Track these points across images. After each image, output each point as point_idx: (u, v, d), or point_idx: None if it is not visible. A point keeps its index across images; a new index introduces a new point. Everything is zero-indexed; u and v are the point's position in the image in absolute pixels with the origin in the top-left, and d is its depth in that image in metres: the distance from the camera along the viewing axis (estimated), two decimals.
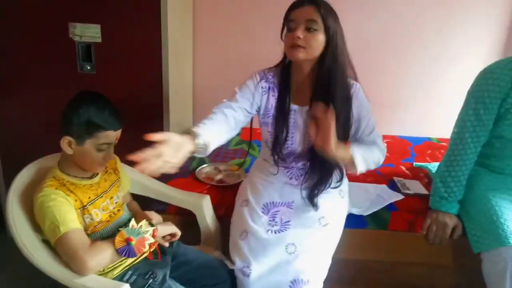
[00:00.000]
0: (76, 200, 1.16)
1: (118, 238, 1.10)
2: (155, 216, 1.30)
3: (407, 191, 1.70)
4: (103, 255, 1.09)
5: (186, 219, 1.55)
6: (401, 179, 1.80)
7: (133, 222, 1.14)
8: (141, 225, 1.14)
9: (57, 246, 1.10)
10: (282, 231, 1.35)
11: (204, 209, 1.49)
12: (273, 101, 1.39)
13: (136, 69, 1.86)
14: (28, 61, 1.88)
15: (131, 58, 1.85)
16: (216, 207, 1.56)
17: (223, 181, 1.75)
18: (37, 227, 1.18)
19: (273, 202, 1.43)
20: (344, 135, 1.33)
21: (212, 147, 1.18)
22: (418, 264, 1.58)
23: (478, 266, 1.39)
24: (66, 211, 1.11)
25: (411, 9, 2.22)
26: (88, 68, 1.87)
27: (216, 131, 1.22)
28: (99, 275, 1.16)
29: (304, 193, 1.42)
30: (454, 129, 1.50)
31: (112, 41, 1.82)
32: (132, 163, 0.92)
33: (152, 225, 1.17)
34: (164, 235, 1.25)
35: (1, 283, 1.86)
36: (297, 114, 1.38)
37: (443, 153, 1.70)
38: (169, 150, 0.98)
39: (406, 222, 1.57)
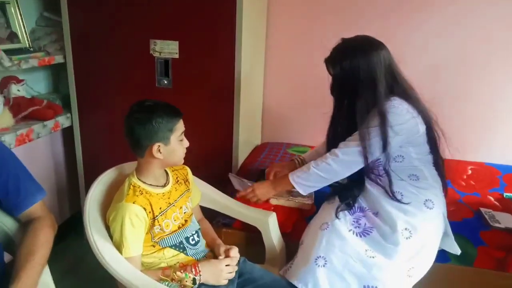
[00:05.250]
0: (150, 212, 1.19)
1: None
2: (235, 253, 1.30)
3: (497, 225, 1.51)
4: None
5: (251, 235, 1.52)
6: (490, 210, 1.61)
7: (179, 274, 1.18)
8: (180, 279, 1.17)
9: None
10: (364, 235, 1.32)
11: (270, 227, 1.45)
12: None
13: (211, 86, 1.91)
14: (111, 74, 2.00)
15: (206, 74, 1.89)
16: (282, 224, 1.51)
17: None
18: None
19: (360, 207, 1.41)
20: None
21: None
22: None
23: None
24: (134, 237, 1.16)
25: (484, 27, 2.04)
26: (165, 82, 1.95)
27: None
28: None
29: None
30: None
31: (188, 57, 1.88)
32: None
33: (194, 282, 1.18)
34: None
35: (73, 283, 1.95)
36: None
37: None
38: None
39: (495, 260, 1.39)
